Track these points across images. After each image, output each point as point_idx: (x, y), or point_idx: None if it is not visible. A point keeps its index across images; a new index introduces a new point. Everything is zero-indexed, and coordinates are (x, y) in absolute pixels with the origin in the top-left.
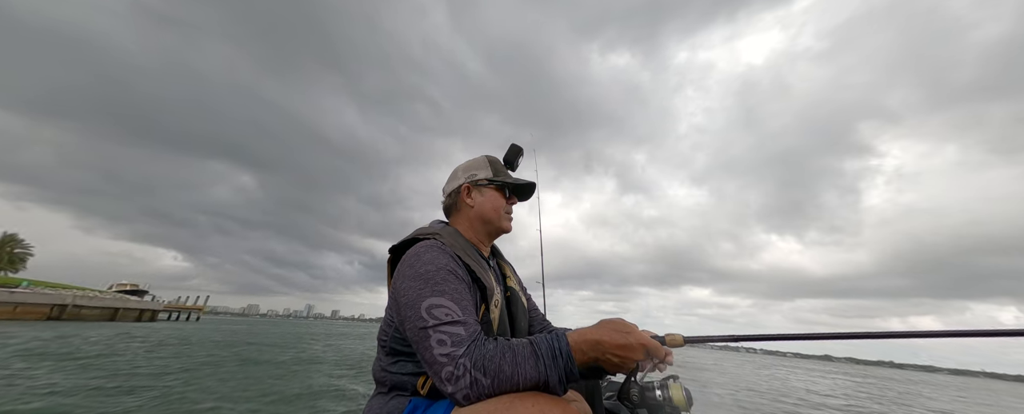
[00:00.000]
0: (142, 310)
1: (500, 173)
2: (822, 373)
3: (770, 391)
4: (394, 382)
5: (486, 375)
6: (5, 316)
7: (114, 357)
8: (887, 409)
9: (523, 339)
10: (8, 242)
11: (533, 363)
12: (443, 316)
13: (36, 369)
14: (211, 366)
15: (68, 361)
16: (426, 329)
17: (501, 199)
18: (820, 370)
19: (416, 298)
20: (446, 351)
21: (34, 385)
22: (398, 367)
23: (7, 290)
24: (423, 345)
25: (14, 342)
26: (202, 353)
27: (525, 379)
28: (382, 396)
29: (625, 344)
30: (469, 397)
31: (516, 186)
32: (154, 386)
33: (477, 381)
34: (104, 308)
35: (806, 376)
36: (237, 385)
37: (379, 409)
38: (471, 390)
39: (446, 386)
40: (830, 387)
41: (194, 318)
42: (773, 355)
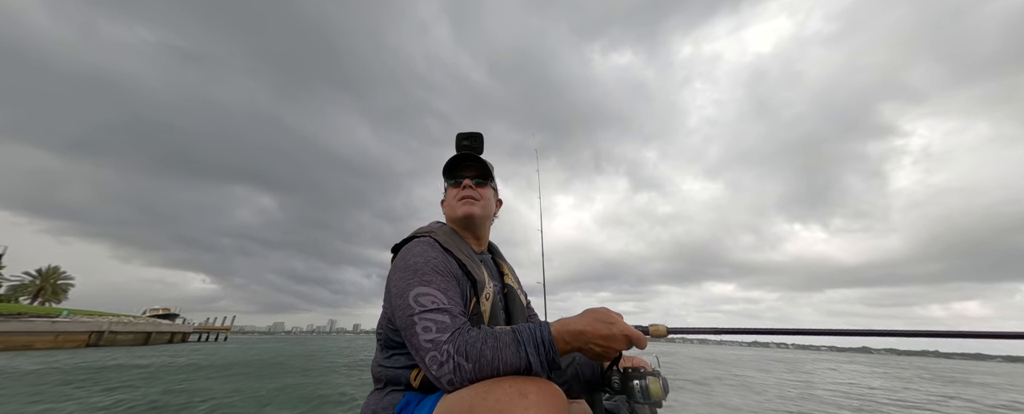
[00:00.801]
0: (173, 333)
1: (448, 169)
2: (862, 370)
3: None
4: (389, 377)
5: (468, 360)
6: (48, 345)
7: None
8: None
9: (507, 327)
10: (52, 275)
11: (514, 350)
12: (429, 303)
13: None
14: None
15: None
16: (412, 316)
17: (453, 191)
18: (853, 366)
19: (404, 288)
20: (431, 337)
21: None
22: (392, 361)
23: (48, 320)
24: (410, 332)
25: (59, 366)
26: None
27: (506, 365)
28: (378, 392)
29: (608, 334)
30: (453, 382)
31: (454, 165)
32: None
33: (460, 366)
34: (138, 332)
35: (834, 374)
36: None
37: (375, 405)
38: (455, 375)
39: (431, 370)
40: (849, 389)
41: (222, 338)
42: (806, 350)
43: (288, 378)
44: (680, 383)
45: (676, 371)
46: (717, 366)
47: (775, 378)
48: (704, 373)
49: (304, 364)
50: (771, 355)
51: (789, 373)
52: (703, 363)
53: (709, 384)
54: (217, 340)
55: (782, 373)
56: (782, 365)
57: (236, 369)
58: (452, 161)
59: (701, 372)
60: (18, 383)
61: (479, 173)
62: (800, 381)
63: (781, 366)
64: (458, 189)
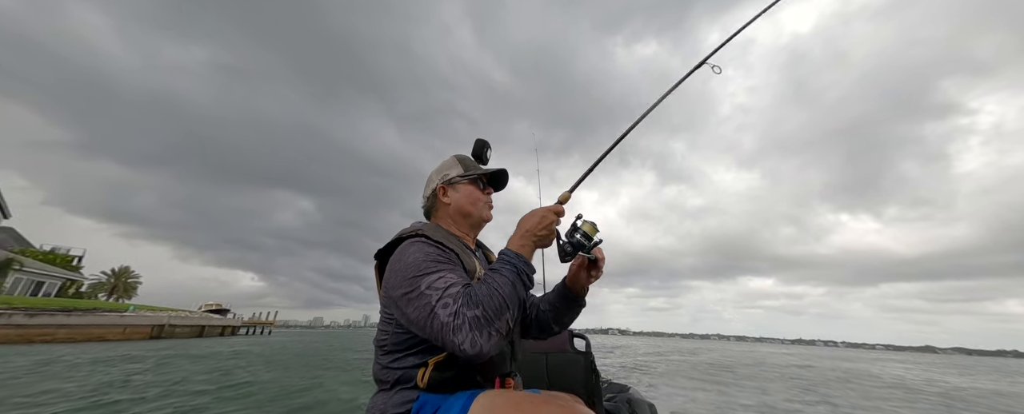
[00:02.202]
0: (224, 326)
1: (471, 168)
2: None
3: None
4: (396, 378)
5: (476, 306)
6: (118, 336)
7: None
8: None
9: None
10: (123, 274)
11: (499, 278)
12: (442, 285)
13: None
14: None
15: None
16: (431, 304)
17: (476, 191)
18: (911, 365)
19: (413, 285)
20: (453, 310)
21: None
22: (398, 363)
23: (117, 314)
24: (427, 318)
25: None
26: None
27: (503, 291)
28: (385, 392)
29: (541, 218)
30: (475, 341)
31: (489, 176)
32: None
33: (474, 318)
34: (193, 326)
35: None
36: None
37: (383, 404)
38: (472, 328)
39: (456, 339)
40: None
41: (267, 332)
42: (858, 348)
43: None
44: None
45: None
46: (812, 379)
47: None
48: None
49: (342, 356)
50: (822, 353)
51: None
52: (783, 378)
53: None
54: (262, 333)
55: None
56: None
57: (297, 358)
58: (496, 174)
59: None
60: (114, 369)
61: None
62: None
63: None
64: (483, 193)
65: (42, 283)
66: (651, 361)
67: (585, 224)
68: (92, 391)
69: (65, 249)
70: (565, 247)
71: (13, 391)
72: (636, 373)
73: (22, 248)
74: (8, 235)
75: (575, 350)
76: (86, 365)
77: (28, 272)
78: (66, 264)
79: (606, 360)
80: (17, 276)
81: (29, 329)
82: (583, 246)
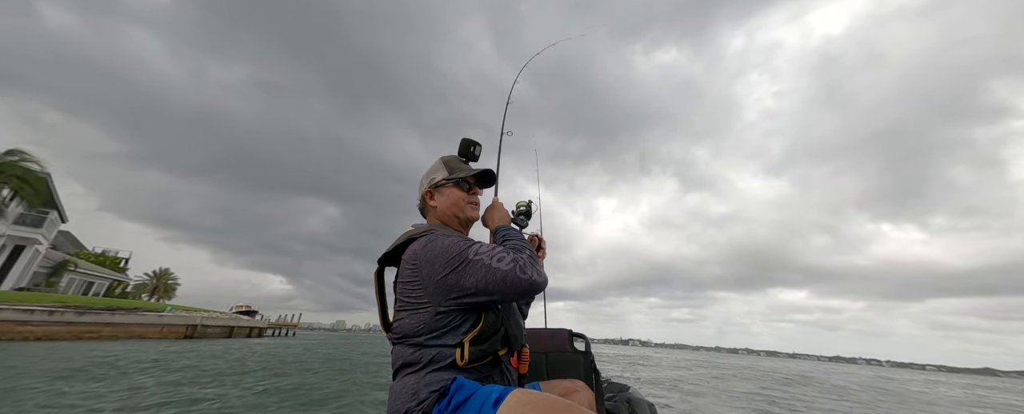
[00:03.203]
0: (251, 327)
1: (456, 170)
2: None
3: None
4: (430, 358)
5: (521, 251)
6: (156, 335)
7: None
8: None
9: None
10: (163, 276)
11: (515, 236)
12: (485, 250)
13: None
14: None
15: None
16: (486, 263)
17: (460, 193)
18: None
19: (460, 259)
20: (509, 259)
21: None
22: (433, 342)
23: (156, 314)
24: (490, 274)
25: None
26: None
27: (524, 241)
28: (414, 373)
29: (501, 208)
30: (539, 272)
31: (475, 176)
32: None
33: (528, 258)
34: (223, 326)
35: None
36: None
37: (415, 384)
38: (530, 265)
39: (524, 276)
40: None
41: (292, 334)
42: (906, 368)
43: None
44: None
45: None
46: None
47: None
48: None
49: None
50: (867, 373)
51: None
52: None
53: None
54: (286, 335)
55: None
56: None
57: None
58: (481, 174)
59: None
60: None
61: (485, 186)
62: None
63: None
64: (468, 194)
65: (92, 283)
66: (691, 376)
67: (520, 203)
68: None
69: (114, 251)
70: (520, 218)
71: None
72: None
73: (77, 250)
74: (65, 238)
75: (575, 350)
76: (131, 363)
77: (81, 273)
78: (114, 266)
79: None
80: (71, 276)
81: (77, 326)
82: (527, 214)
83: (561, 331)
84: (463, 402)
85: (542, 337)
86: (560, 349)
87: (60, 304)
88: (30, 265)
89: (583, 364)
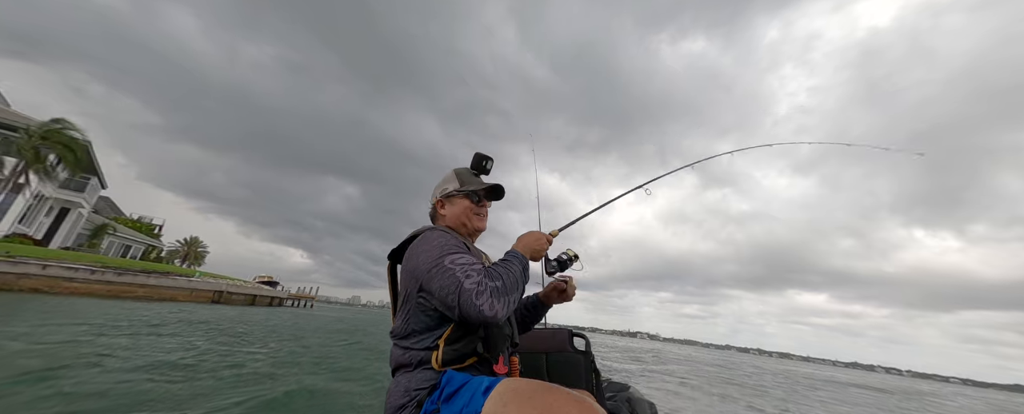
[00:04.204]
0: (272, 297)
1: (467, 182)
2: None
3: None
4: (419, 359)
5: (496, 280)
6: (186, 298)
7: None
8: None
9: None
10: (194, 243)
11: (512, 265)
12: (463, 262)
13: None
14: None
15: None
16: (454, 274)
17: (470, 204)
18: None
19: (438, 258)
20: (475, 279)
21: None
22: (419, 344)
23: (186, 278)
24: (452, 286)
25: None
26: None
27: (515, 274)
28: (408, 373)
29: (537, 238)
30: (493, 306)
31: (485, 189)
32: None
33: (494, 288)
34: (246, 294)
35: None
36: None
37: (407, 382)
38: (492, 295)
39: (477, 302)
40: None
41: (310, 306)
42: (927, 379)
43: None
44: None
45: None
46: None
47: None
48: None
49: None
50: (886, 382)
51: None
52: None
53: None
54: (304, 307)
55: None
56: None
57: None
58: (492, 188)
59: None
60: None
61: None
62: None
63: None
64: (477, 205)
65: (130, 247)
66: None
67: (569, 250)
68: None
69: (149, 218)
70: (552, 264)
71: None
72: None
73: (116, 216)
74: (106, 203)
75: (575, 350)
76: (175, 322)
77: (119, 237)
78: (149, 232)
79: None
80: (111, 239)
81: (116, 285)
82: (567, 265)
83: (561, 330)
84: (455, 392)
85: (542, 337)
86: (560, 349)
87: (101, 264)
88: (75, 227)
89: (583, 364)
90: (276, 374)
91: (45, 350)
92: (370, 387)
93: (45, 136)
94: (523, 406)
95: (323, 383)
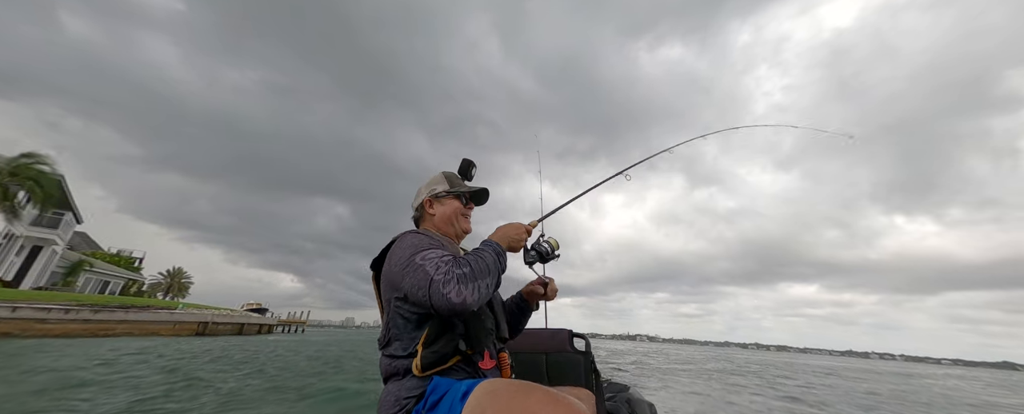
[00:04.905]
0: (261, 325)
1: (456, 184)
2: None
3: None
4: (406, 367)
5: (464, 266)
6: (168, 332)
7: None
8: None
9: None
10: (177, 275)
11: (484, 252)
12: (433, 256)
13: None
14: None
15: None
16: (424, 268)
17: (459, 205)
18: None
19: (410, 258)
20: (444, 270)
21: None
22: (403, 352)
23: (169, 311)
24: (423, 281)
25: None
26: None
27: (487, 260)
28: (397, 382)
29: (516, 229)
30: (460, 291)
31: (471, 193)
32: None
33: (461, 274)
34: (234, 324)
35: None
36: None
37: (397, 390)
38: (458, 282)
39: (444, 290)
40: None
41: (300, 331)
42: (921, 362)
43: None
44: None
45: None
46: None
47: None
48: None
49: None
50: (886, 368)
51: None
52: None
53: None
54: (295, 332)
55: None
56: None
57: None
58: (478, 191)
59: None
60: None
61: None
62: None
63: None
64: (466, 208)
65: (108, 282)
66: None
67: (550, 239)
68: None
69: (129, 252)
70: (531, 254)
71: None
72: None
73: (93, 250)
74: (81, 239)
75: (575, 350)
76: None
77: (96, 272)
78: (128, 265)
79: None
80: (87, 276)
81: (93, 323)
82: (547, 254)
83: (561, 331)
84: (438, 401)
85: (541, 337)
86: (560, 349)
87: (76, 302)
88: (48, 265)
89: (583, 364)
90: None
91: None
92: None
93: (13, 172)
94: (499, 411)
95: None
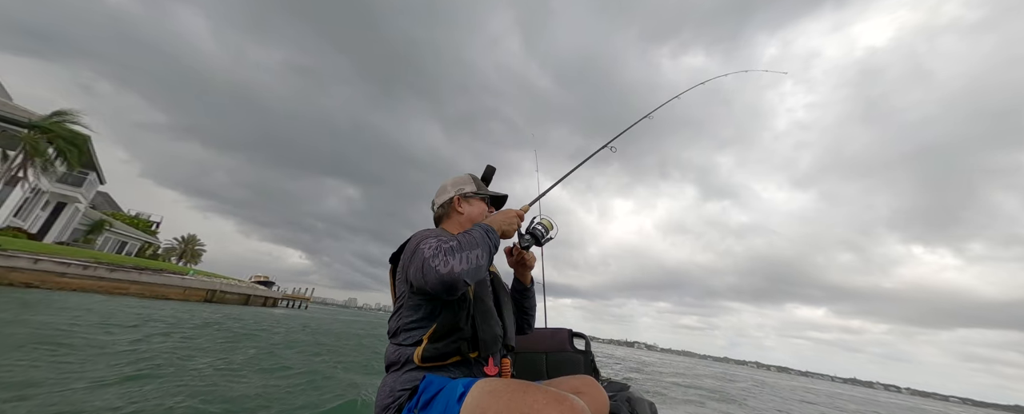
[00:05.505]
0: (266, 298)
1: (482, 188)
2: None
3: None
4: (406, 358)
5: (451, 241)
6: (178, 296)
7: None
8: None
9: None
10: (191, 241)
11: (473, 230)
12: (433, 241)
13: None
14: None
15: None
16: (422, 252)
17: (485, 207)
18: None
19: (416, 247)
20: (433, 247)
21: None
22: (406, 342)
23: (179, 276)
24: (419, 263)
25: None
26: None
27: (474, 235)
28: (395, 373)
29: (507, 216)
30: (447, 262)
31: (495, 198)
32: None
33: (449, 247)
34: (240, 294)
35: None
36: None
37: (393, 381)
38: (446, 254)
39: (432, 263)
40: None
41: (304, 306)
42: (927, 397)
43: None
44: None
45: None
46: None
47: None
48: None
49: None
50: (888, 400)
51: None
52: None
53: None
54: (299, 308)
55: None
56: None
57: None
58: (500, 199)
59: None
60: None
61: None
62: None
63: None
64: (490, 212)
65: (125, 243)
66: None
67: (544, 220)
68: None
69: (147, 215)
70: (526, 239)
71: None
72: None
73: (113, 211)
74: (103, 199)
75: (575, 349)
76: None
77: (115, 232)
78: (146, 228)
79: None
80: (107, 235)
81: (108, 282)
82: (541, 235)
83: (561, 330)
84: (430, 400)
85: (542, 336)
86: (560, 349)
87: (94, 260)
88: (70, 222)
89: (583, 364)
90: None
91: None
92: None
93: (47, 129)
94: (500, 411)
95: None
